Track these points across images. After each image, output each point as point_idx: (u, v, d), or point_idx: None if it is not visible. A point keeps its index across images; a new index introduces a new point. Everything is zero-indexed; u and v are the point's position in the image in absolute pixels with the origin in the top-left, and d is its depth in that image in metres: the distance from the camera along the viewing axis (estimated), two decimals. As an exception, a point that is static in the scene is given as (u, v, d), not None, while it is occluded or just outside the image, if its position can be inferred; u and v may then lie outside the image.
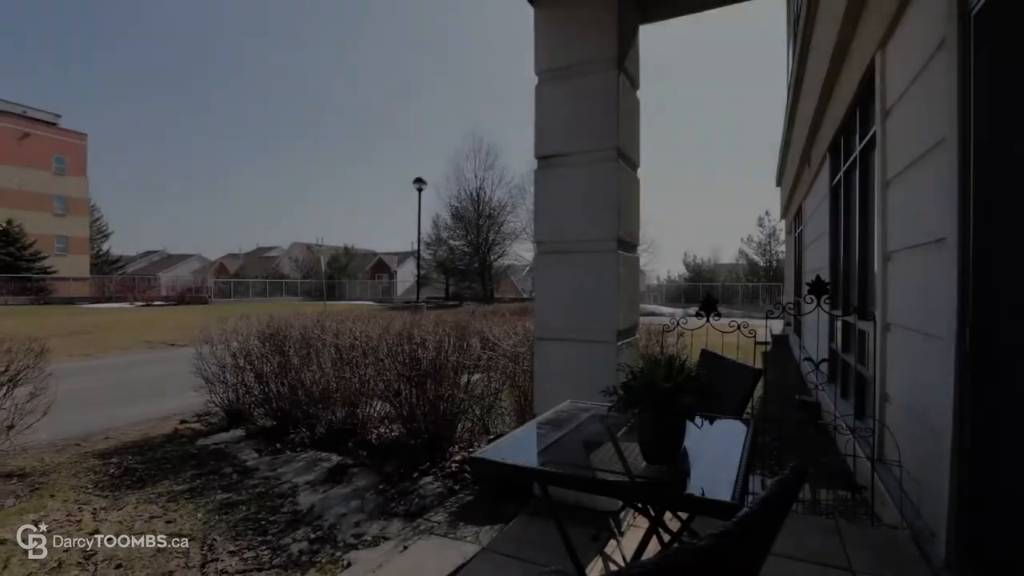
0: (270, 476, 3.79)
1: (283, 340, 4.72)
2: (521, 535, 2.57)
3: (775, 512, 0.73)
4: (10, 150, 33.88)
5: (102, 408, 6.02)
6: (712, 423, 1.67)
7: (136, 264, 56.91)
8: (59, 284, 31.77)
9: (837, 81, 4.85)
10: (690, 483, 1.30)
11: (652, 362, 1.35)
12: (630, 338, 2.84)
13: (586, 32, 2.69)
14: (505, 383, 4.07)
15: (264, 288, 39.24)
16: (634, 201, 2.89)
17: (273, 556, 2.70)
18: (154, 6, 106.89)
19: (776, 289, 34.25)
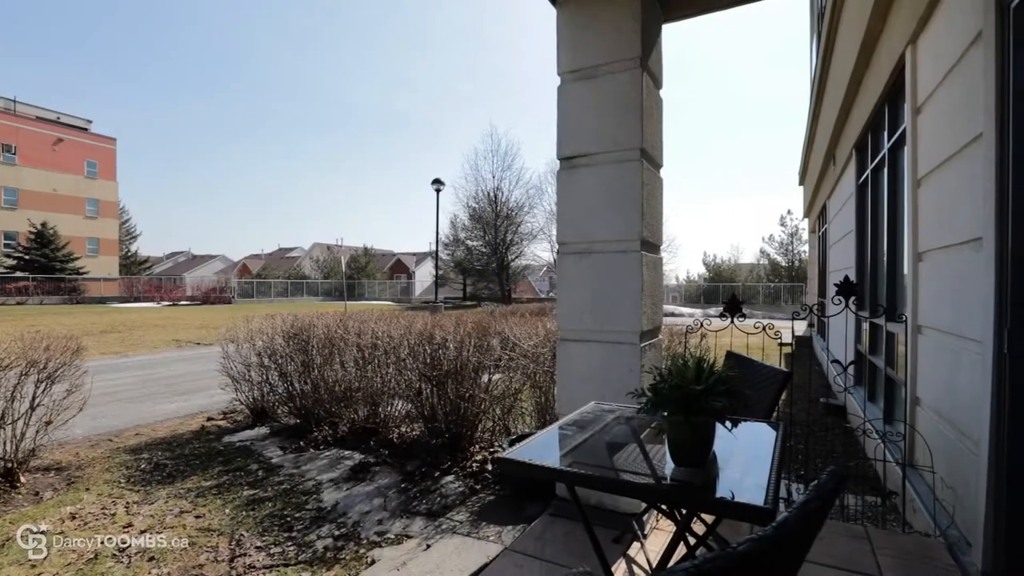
0: (294, 473, 3.85)
1: (306, 339, 4.79)
2: (544, 535, 2.57)
3: (813, 517, 0.72)
4: (45, 155, 35.09)
5: (132, 405, 6.19)
6: (740, 426, 1.65)
7: (163, 265, 58.41)
8: (90, 284, 32.78)
9: (864, 77, 4.75)
10: (719, 486, 1.29)
11: (680, 364, 1.34)
12: (653, 339, 2.82)
13: (609, 32, 2.68)
14: (525, 383, 4.07)
15: (286, 288, 39.91)
16: (657, 201, 2.87)
17: (299, 552, 2.75)
18: (186, 18, 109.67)
19: (798, 289, 33.64)
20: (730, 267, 42.38)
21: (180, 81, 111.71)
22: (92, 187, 37.87)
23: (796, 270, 36.34)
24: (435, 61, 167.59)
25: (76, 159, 36.93)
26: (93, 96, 79.28)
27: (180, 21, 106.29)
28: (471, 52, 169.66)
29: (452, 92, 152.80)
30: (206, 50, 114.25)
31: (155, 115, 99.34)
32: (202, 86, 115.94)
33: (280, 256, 63.61)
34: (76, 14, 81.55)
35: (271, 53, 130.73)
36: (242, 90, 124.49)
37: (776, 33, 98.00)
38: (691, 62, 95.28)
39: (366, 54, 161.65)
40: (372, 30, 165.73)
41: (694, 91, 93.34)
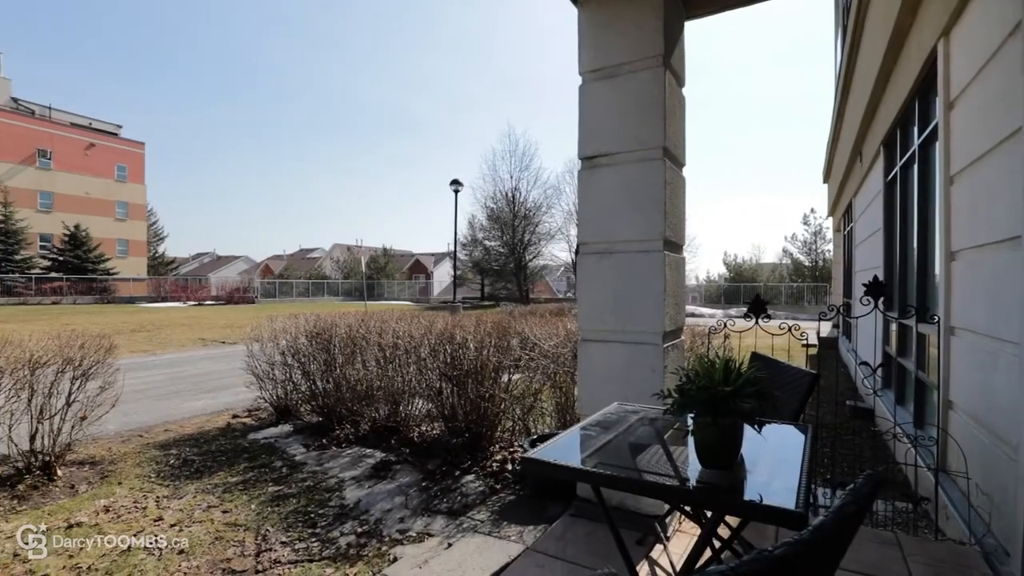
0: (317, 471, 3.91)
1: (329, 339, 4.87)
2: (565, 536, 2.56)
3: (850, 521, 0.71)
4: (78, 160, 36.29)
5: (161, 402, 6.36)
6: (768, 428, 1.63)
7: (189, 265, 59.84)
8: (120, 284, 33.76)
9: (893, 72, 4.63)
10: (747, 489, 1.27)
11: (708, 365, 1.32)
12: (676, 340, 2.79)
13: (631, 31, 2.67)
14: (545, 383, 4.07)
15: (307, 288, 40.54)
16: (680, 201, 2.84)
17: (323, 548, 2.79)
18: (208, 28, 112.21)
19: (822, 290, 32.92)
20: (751, 267, 41.68)
21: (197, 84, 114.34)
22: (122, 190, 39.04)
23: (820, 270, 35.57)
24: (451, 62, 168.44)
25: (107, 163, 38.12)
26: (116, 99, 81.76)
27: (196, 25, 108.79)
28: (487, 52, 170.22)
29: (468, 93, 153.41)
30: (222, 53, 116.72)
31: (174, 118, 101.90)
32: (219, 89, 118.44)
33: (301, 257, 64.66)
34: (95, 18, 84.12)
35: (287, 56, 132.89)
36: (258, 93, 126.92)
37: (799, 28, 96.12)
38: (710, 59, 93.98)
39: (380, 54, 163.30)
40: (389, 32, 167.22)
41: (715, 89, 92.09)
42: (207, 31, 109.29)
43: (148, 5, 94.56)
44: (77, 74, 77.03)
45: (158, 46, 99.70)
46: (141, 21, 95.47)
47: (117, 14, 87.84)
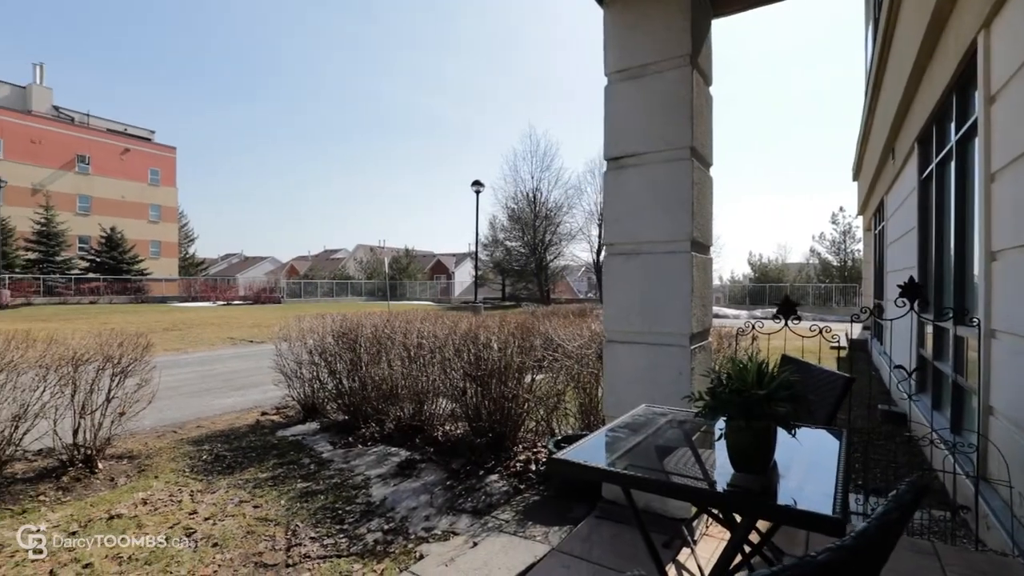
0: (344, 468, 3.98)
1: (354, 338, 4.95)
2: (590, 537, 2.56)
3: (893, 528, 0.70)
4: (114, 164, 37.65)
5: (193, 399, 6.55)
6: (800, 432, 1.60)
7: (218, 266, 61.43)
8: (153, 284, 34.88)
9: (928, 66, 4.48)
10: (781, 494, 1.25)
11: (740, 367, 1.31)
12: (703, 342, 2.76)
13: (658, 30, 2.65)
14: (569, 384, 4.06)
15: (331, 288, 41.21)
16: (707, 200, 2.81)
17: (350, 544, 2.85)
18: (232, 32, 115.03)
19: (851, 290, 32.04)
20: (777, 267, 40.80)
21: (218, 86, 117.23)
22: (155, 193, 40.34)
23: (849, 270, 34.63)
24: (471, 63, 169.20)
25: (141, 167, 39.45)
26: (139, 102, 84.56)
27: (216, 28, 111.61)
28: (509, 53, 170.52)
29: (491, 94, 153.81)
30: (256, 62, 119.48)
31: (196, 120, 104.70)
32: (240, 91, 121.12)
33: (326, 257, 65.77)
34: (120, 24, 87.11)
35: (308, 58, 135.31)
36: (278, 96, 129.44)
37: (827, 23, 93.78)
38: (735, 57, 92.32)
39: (403, 56, 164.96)
40: (410, 34, 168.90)
41: (740, 86, 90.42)
42: (227, 34, 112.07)
43: (170, 11, 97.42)
44: (103, 78, 79.90)
45: (179, 50, 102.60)
46: (164, 25, 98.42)
47: (142, 21, 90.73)
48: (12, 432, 3.56)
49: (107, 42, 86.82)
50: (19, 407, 3.57)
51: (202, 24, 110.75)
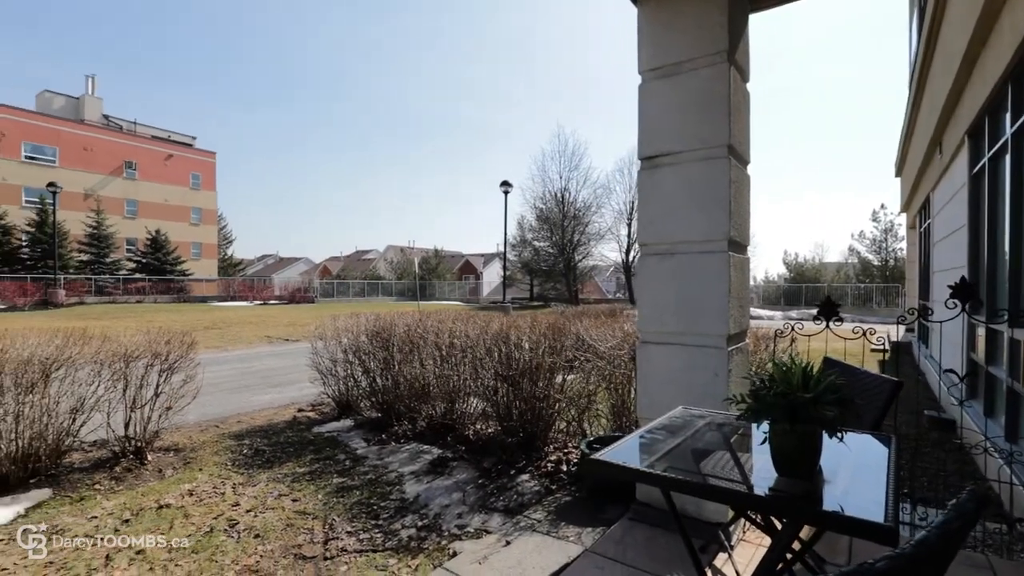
0: (378, 465, 4.06)
1: (387, 338, 5.04)
2: (624, 539, 2.54)
3: (954, 538, 0.68)
4: (158, 170, 39.36)
5: (232, 395, 6.79)
6: (847, 438, 1.55)
7: (254, 267, 63.38)
8: (194, 284, 36.27)
9: (980, 56, 4.27)
10: (827, 500, 1.22)
11: (784, 369, 1.28)
12: (740, 343, 2.71)
13: (693, 27, 2.61)
14: (600, 385, 4.04)
15: (363, 288, 42.00)
16: (745, 199, 2.75)
17: (386, 539, 2.90)
18: (263, 40, 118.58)
19: (893, 291, 30.74)
20: (814, 266, 39.50)
21: (269, 97, 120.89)
22: (196, 197, 41.95)
23: (891, 269, 33.26)
24: (498, 64, 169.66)
25: (183, 172, 41.10)
26: (176, 106, 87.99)
27: (247, 37, 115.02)
28: (538, 52, 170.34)
29: (518, 94, 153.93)
30: (288, 68, 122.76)
31: (235, 125, 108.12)
32: (286, 99, 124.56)
33: (357, 258, 67.06)
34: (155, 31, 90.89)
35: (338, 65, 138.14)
36: (310, 100, 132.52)
37: (867, 15, 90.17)
38: (771, 52, 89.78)
39: (430, 58, 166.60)
40: (438, 36, 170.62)
41: (775, 80, 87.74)
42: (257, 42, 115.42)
43: (206, 19, 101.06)
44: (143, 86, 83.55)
45: (213, 56, 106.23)
46: (198, 32, 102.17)
47: (176, 27, 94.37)
48: (70, 424, 3.77)
49: (144, 52, 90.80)
50: (76, 400, 3.78)
51: (234, 33, 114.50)
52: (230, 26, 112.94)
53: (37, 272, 27.66)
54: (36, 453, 3.60)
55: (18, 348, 3.59)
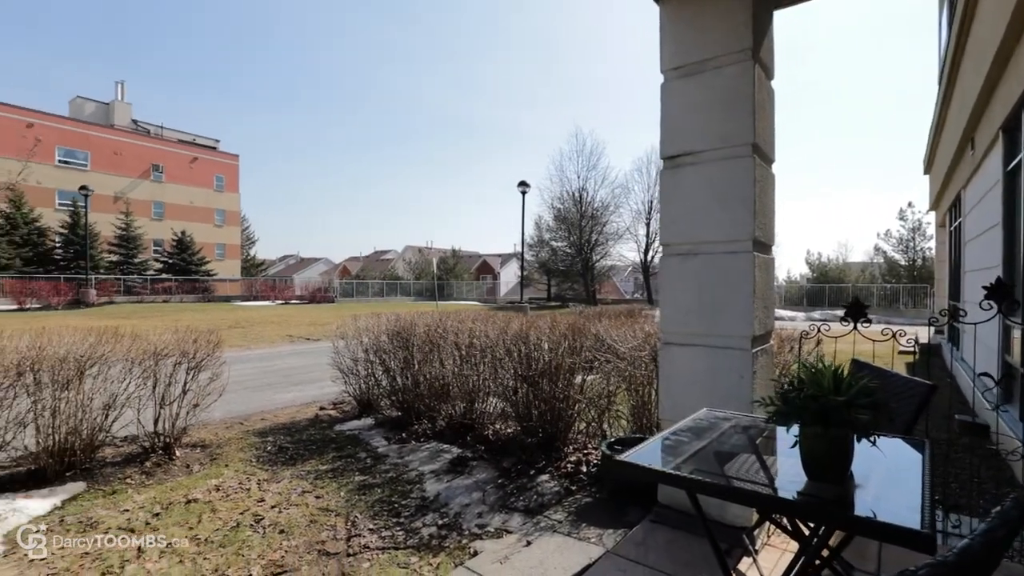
0: (399, 463, 4.10)
1: (408, 337, 5.08)
2: (646, 541, 2.53)
3: (998, 547, 0.66)
4: (184, 172, 40.36)
5: (256, 393, 6.92)
6: (878, 442, 1.52)
7: (276, 267, 64.49)
8: (218, 284, 37.08)
9: (1016, 49, 4.13)
10: (858, 505, 1.20)
11: (814, 372, 1.26)
12: (765, 345, 2.67)
13: (717, 25, 2.58)
14: (620, 385, 4.02)
15: (381, 288, 42.42)
16: (770, 199, 2.71)
17: (407, 537, 2.93)
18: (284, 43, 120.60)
19: (921, 291, 29.86)
20: (838, 266, 38.59)
21: (288, 99, 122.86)
22: (220, 199, 42.90)
23: (919, 269, 32.32)
24: (516, 64, 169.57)
25: (207, 175, 42.07)
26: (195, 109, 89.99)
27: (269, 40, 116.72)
28: (554, 51, 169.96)
29: (534, 93, 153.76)
30: (307, 69, 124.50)
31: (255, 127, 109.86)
32: (305, 101, 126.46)
33: (376, 258, 67.75)
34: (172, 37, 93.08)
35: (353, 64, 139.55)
36: (329, 102, 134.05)
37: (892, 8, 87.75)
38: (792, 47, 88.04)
39: (444, 58, 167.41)
40: (453, 36, 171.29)
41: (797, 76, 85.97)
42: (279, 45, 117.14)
43: (221, 23, 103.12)
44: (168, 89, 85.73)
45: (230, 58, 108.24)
46: (219, 37, 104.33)
47: (200, 34, 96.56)
48: (103, 419, 3.88)
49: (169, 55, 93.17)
50: (109, 397, 3.90)
51: (257, 37, 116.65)
52: (251, 30, 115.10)
53: (70, 272, 28.58)
54: (71, 448, 3.72)
55: (55, 346, 3.71)
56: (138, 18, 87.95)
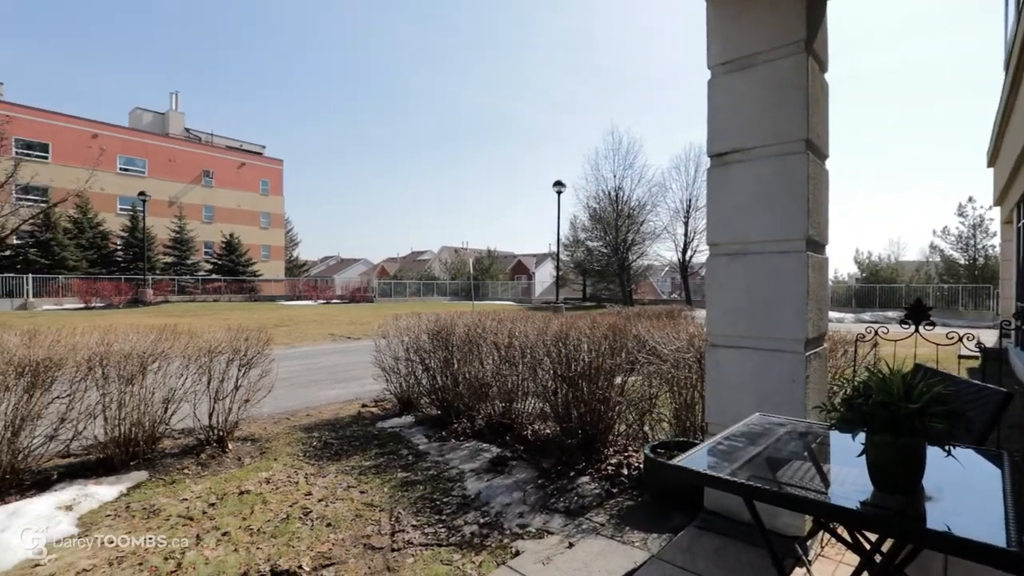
0: (439, 461, 4.16)
1: (447, 337, 5.14)
2: (692, 548, 2.47)
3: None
4: (232, 177, 42.18)
5: (300, 389, 7.15)
6: (950, 452, 1.43)
7: (317, 267, 66.49)
8: (264, 284, 38.49)
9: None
10: (930, 518, 1.13)
11: (882, 378, 1.20)
12: (818, 348, 2.56)
13: (768, 17, 2.49)
14: (663, 388, 3.95)
15: (419, 288, 43.07)
16: (823, 196, 2.60)
17: (449, 534, 2.97)
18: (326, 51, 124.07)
19: (983, 292, 28.01)
20: (890, 265, 36.66)
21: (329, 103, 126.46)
22: (265, 202, 44.59)
23: (981, 269, 30.36)
24: (551, 64, 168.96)
25: (254, 179, 43.81)
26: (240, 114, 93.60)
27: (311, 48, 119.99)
28: (590, 49, 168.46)
29: (571, 92, 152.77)
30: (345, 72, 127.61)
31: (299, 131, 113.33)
32: (347, 105, 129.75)
33: (413, 259, 68.91)
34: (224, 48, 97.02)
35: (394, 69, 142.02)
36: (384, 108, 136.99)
37: None
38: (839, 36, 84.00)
39: (484, 59, 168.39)
40: (491, 37, 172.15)
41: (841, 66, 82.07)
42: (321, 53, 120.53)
43: (269, 32, 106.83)
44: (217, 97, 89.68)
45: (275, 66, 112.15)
46: (265, 43, 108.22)
47: (240, 41, 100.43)
48: (163, 412, 4.10)
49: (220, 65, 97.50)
50: (168, 391, 4.11)
51: (300, 43, 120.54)
52: (297, 36, 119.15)
53: (129, 273, 30.28)
54: (135, 438, 3.94)
55: (120, 343, 3.94)
56: (192, 31, 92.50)
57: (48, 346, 3.61)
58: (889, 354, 3.02)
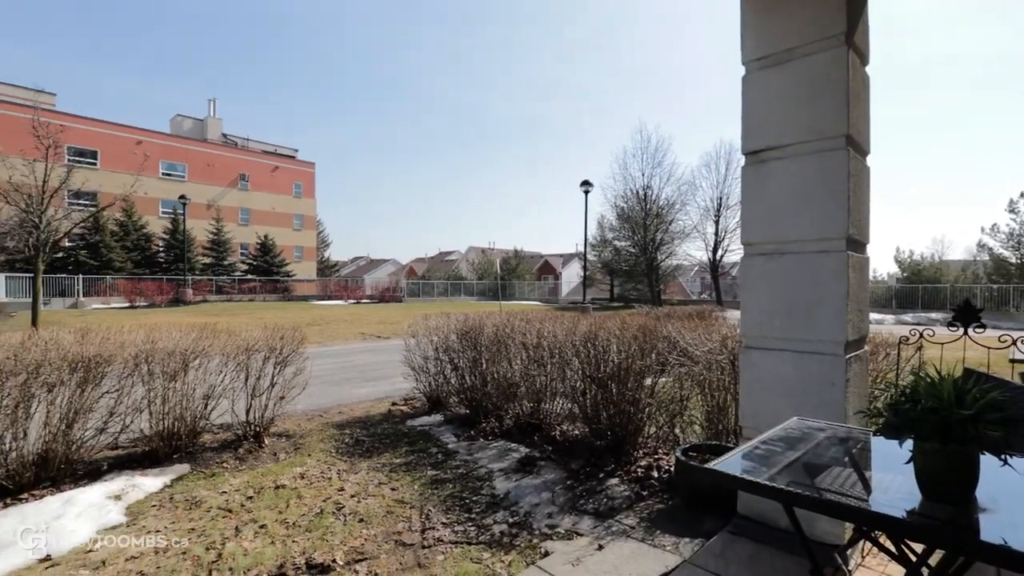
0: (468, 460, 4.19)
1: (476, 337, 5.17)
2: (725, 554, 2.42)
3: None
4: (266, 180, 43.48)
5: (332, 387, 7.31)
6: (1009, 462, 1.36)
7: (347, 268, 67.81)
8: (296, 284, 39.49)
9: None
10: (986, 530, 1.08)
11: (931, 382, 1.15)
12: (859, 350, 2.47)
13: (806, 11, 2.42)
14: (693, 390, 3.88)
15: (446, 288, 43.45)
16: (864, 194, 2.51)
17: (479, 533, 2.98)
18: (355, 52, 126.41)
19: (1038, 292, 26.47)
20: (933, 264, 35.02)
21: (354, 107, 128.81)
22: (298, 204, 45.78)
23: (1036, 268, 28.70)
24: (578, 63, 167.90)
25: (287, 182, 45.04)
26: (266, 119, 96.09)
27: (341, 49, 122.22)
28: (616, 48, 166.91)
29: (598, 91, 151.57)
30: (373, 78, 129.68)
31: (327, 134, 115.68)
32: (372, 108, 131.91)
33: (440, 259, 69.54)
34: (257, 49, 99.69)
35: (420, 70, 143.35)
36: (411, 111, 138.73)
37: (1005, -26, 78.04)
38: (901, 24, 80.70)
39: (509, 61, 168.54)
40: (516, 38, 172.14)
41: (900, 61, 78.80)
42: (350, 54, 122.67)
43: (299, 36, 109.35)
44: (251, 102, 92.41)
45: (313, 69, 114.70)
46: (290, 48, 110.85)
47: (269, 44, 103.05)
48: (203, 408, 4.26)
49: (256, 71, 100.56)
50: (208, 387, 4.27)
51: (332, 49, 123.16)
52: (328, 43, 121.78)
53: (170, 273, 31.53)
54: (178, 432, 4.11)
55: (164, 341, 4.11)
56: (228, 39, 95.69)
57: (99, 343, 3.79)
58: (934, 357, 2.89)
